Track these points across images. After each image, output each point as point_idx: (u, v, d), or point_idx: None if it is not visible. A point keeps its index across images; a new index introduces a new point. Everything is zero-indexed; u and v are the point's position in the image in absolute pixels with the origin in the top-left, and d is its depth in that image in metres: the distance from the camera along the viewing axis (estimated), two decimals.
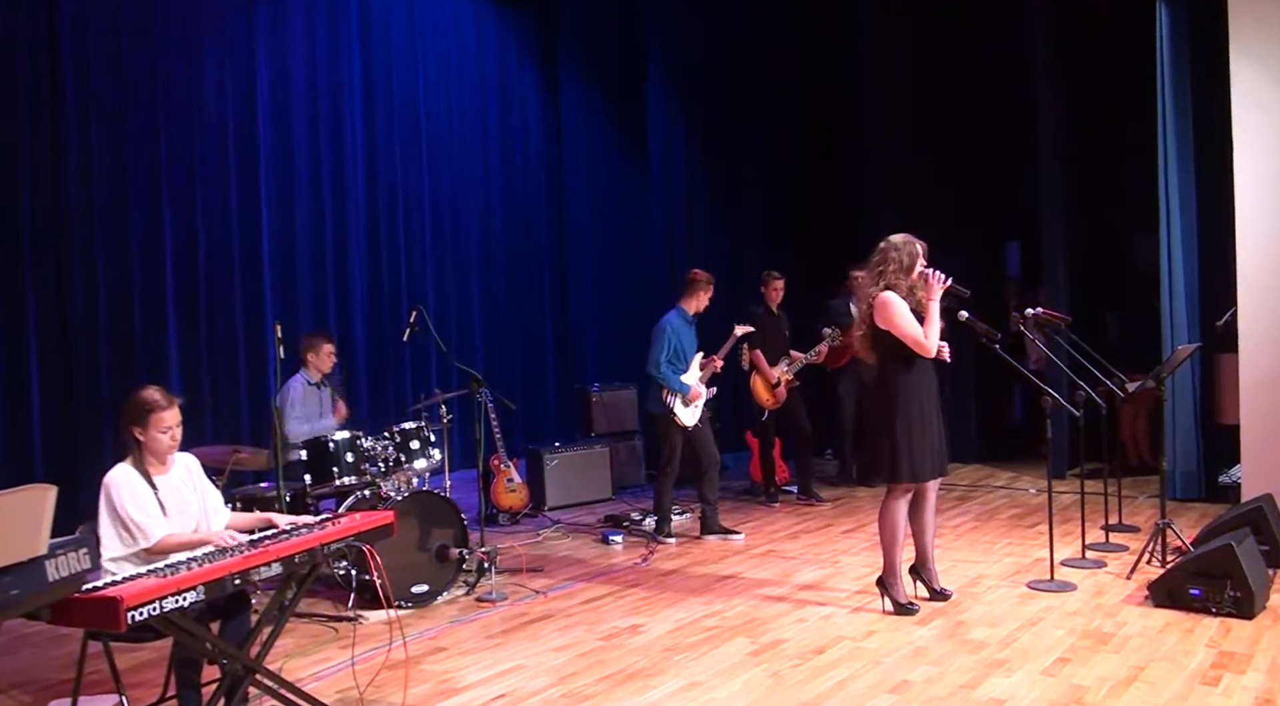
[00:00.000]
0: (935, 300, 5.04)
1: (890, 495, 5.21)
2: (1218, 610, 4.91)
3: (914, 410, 5.07)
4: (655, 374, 6.98)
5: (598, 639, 5.02)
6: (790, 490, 8.44)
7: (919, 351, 5.03)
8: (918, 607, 5.19)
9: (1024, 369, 6.25)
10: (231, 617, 3.97)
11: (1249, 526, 5.42)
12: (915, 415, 5.07)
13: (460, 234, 9.90)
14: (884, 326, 5.05)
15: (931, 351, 5.04)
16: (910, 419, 5.06)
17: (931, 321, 5.03)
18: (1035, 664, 4.42)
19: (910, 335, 5.01)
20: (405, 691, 4.29)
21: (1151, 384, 6.35)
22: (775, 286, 8.08)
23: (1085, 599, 5.34)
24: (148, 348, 7.36)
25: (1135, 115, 8.11)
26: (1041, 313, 6.31)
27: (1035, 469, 9.08)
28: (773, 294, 8.09)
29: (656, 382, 7.01)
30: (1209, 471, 7.66)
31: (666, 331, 7.04)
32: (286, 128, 8.39)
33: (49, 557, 2.88)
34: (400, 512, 4.78)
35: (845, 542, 6.85)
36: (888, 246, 5.16)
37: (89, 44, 7.07)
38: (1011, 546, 6.54)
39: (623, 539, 7.16)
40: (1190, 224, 7.64)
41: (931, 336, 5.02)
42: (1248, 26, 7.01)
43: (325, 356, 6.59)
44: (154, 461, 4.03)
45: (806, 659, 4.62)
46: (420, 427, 6.19)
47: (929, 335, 5.01)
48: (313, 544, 3.83)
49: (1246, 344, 7.05)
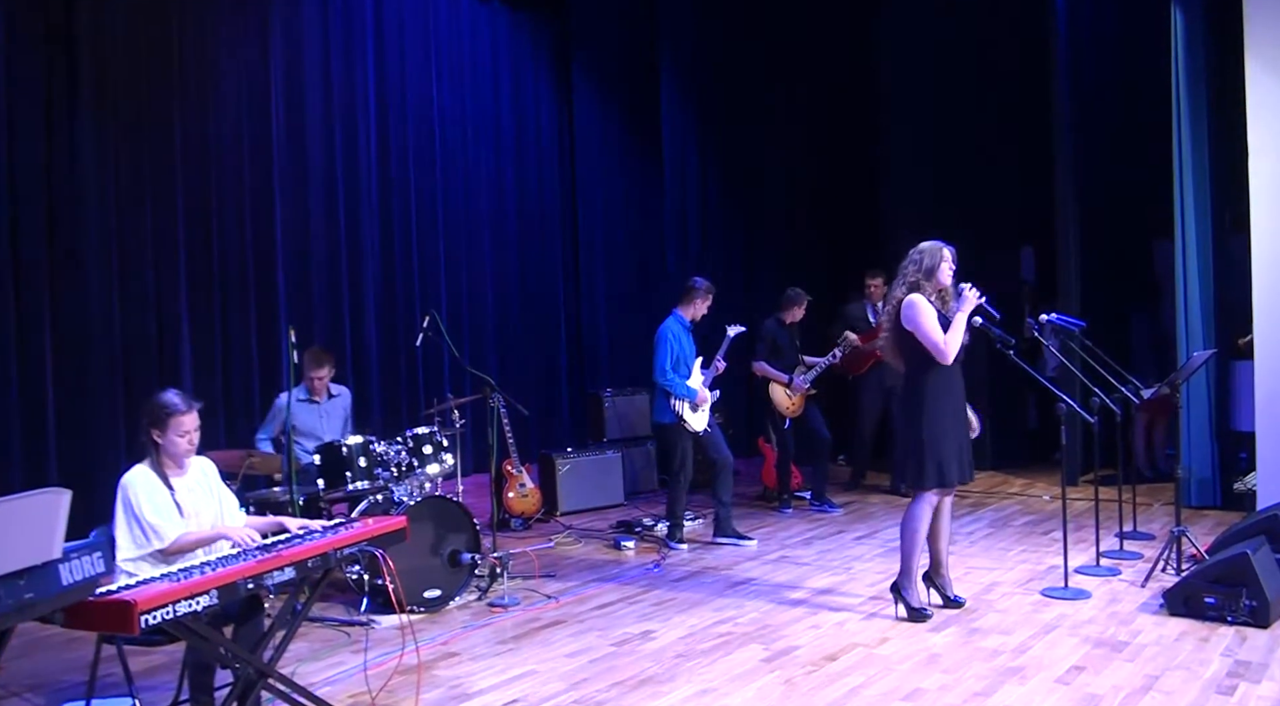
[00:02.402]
0: (964, 313, 5.01)
1: (916, 501, 5.18)
2: (1233, 618, 4.88)
3: (942, 415, 5.06)
4: (662, 381, 6.97)
5: (610, 644, 5.01)
6: (803, 496, 8.42)
7: (937, 357, 5.01)
8: (931, 613, 5.17)
9: (1039, 375, 6.22)
10: (245, 622, 3.98)
11: (1265, 534, 5.36)
12: (943, 420, 5.06)
13: (473, 238, 9.92)
14: (908, 327, 5.04)
15: (948, 359, 5.02)
16: (937, 424, 5.05)
17: (955, 329, 5.01)
18: (1049, 672, 4.40)
19: (931, 339, 4.99)
20: (418, 696, 4.29)
21: (1167, 390, 6.32)
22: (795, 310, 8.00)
23: (1100, 607, 5.31)
24: (162, 352, 7.39)
25: (1150, 120, 8.08)
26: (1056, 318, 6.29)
27: (1050, 475, 9.04)
28: (793, 314, 8.03)
29: (661, 391, 7.01)
30: (1224, 479, 7.61)
31: (668, 337, 7.03)
32: (300, 132, 8.41)
33: (63, 561, 2.89)
34: (413, 517, 4.79)
35: (858, 548, 6.83)
36: (914, 251, 5.17)
37: (105, 48, 7.11)
38: (1026, 553, 6.51)
39: (635, 544, 7.15)
40: (1205, 229, 7.60)
41: (952, 344, 5.00)
42: (1263, 32, 6.98)
43: (317, 382, 6.55)
44: (171, 464, 4.06)
45: (820, 666, 4.60)
46: (433, 432, 6.20)
47: (949, 341, 4.99)
48: (325, 548, 3.84)
49: (1262, 350, 7.01)
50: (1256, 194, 7.03)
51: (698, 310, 7.12)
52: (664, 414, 7.07)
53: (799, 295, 8.04)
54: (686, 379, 7.01)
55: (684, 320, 7.13)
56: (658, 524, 7.52)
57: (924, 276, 5.09)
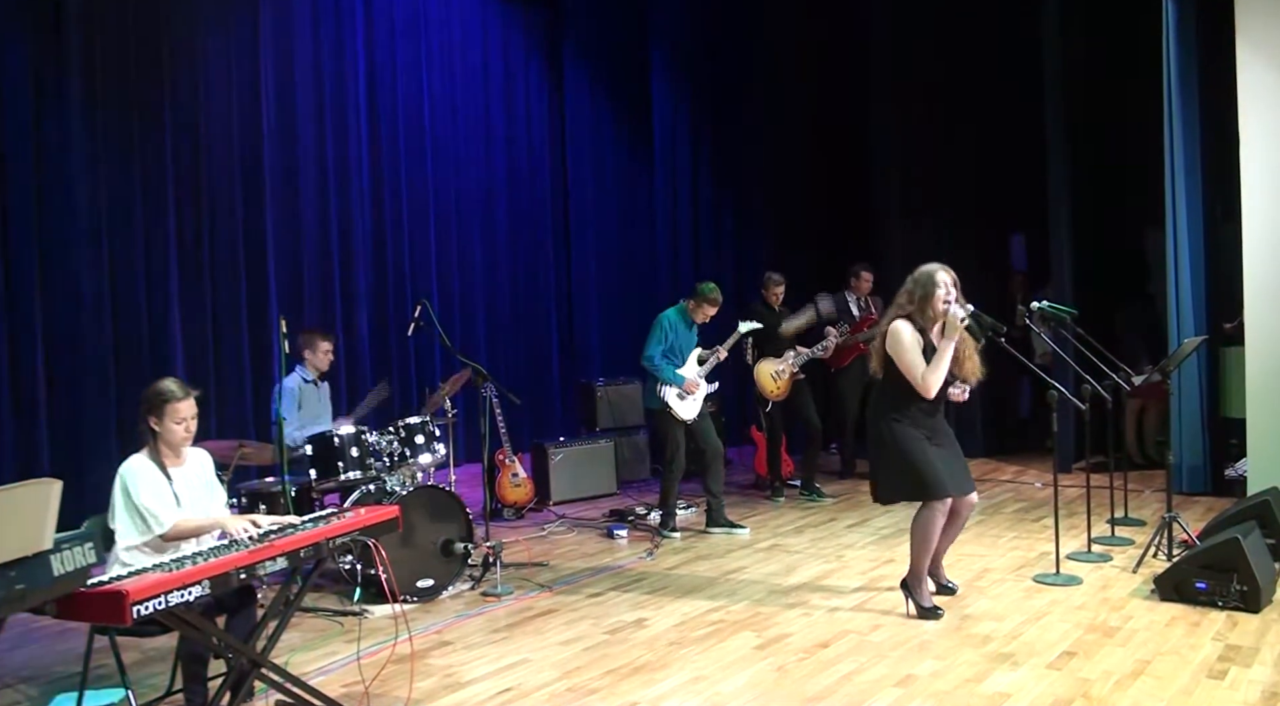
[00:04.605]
0: (950, 341, 4.83)
1: (927, 508, 4.99)
2: (1224, 603, 4.90)
3: (914, 435, 4.92)
4: (648, 365, 6.99)
5: (603, 633, 5.02)
6: (795, 485, 8.43)
7: (917, 388, 4.85)
8: (943, 613, 5.04)
9: (1030, 363, 6.23)
10: (237, 612, 3.99)
11: (1255, 520, 5.39)
12: (916, 438, 4.91)
13: (464, 228, 9.90)
14: (891, 354, 4.92)
15: (929, 393, 4.84)
16: (915, 440, 4.90)
17: (936, 362, 4.83)
18: (1041, 658, 4.41)
19: (910, 372, 4.85)
20: (411, 685, 4.29)
21: (1158, 377, 6.33)
22: (775, 291, 8.06)
23: (1091, 592, 5.33)
24: (153, 342, 7.38)
25: (1142, 107, 8.08)
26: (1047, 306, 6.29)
27: (1041, 462, 9.06)
28: (773, 296, 8.07)
29: (651, 376, 7.02)
30: (1215, 465, 7.64)
31: (664, 325, 7.04)
32: (291, 122, 8.39)
33: (54, 552, 2.88)
34: (405, 507, 4.78)
35: (849, 537, 6.85)
36: (910, 277, 4.98)
37: (94, 36, 7.07)
38: (1017, 540, 6.53)
39: (627, 533, 7.15)
40: (1196, 216, 7.61)
41: (930, 378, 4.82)
42: (1255, 18, 6.98)
43: (322, 355, 6.54)
44: (169, 453, 4.07)
45: (812, 652, 4.62)
46: (425, 422, 6.19)
47: (927, 376, 4.81)
48: (318, 539, 3.83)
49: (1253, 337, 7.02)
50: (1248, 182, 7.03)
51: (705, 314, 7.10)
52: (651, 399, 7.09)
53: (767, 278, 8.07)
54: (679, 368, 7.01)
55: (688, 316, 7.12)
56: (650, 513, 7.53)
57: (917, 308, 4.91)
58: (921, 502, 4.99)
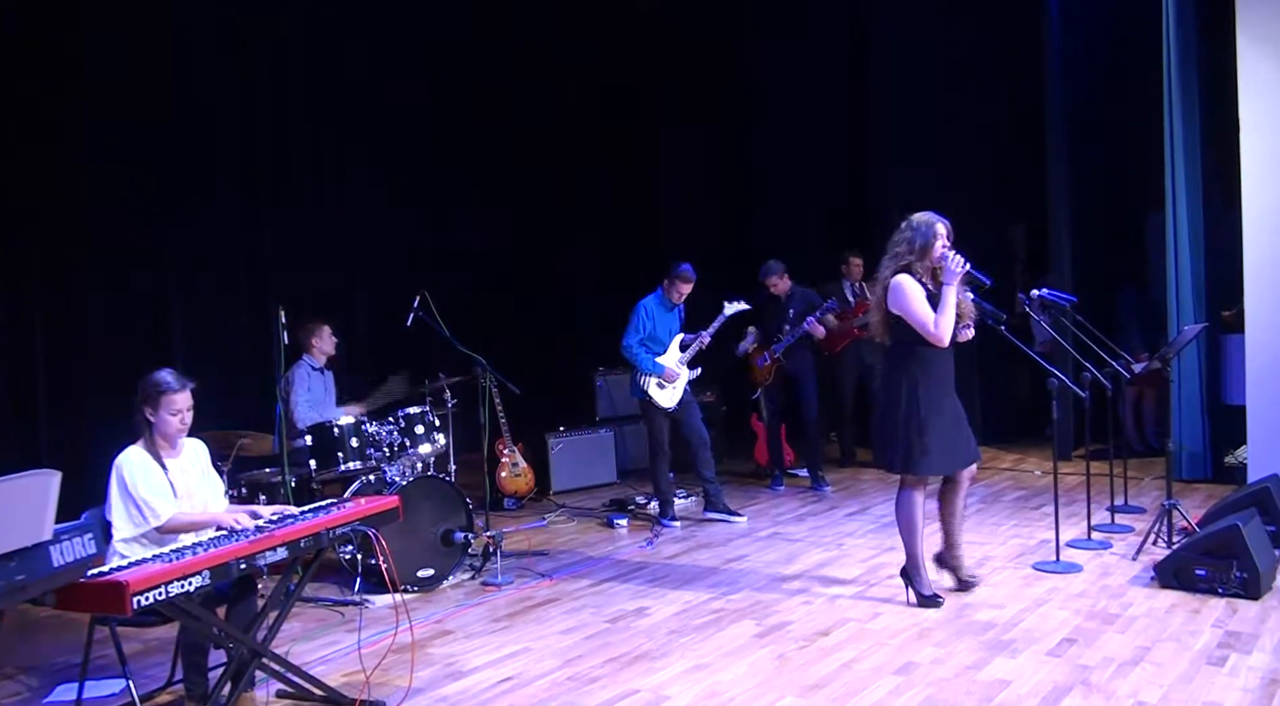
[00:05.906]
0: (951, 286, 4.75)
1: (903, 486, 4.98)
2: (1224, 590, 4.90)
3: (926, 401, 4.80)
4: (626, 355, 7.00)
5: (604, 622, 5.02)
6: (795, 473, 8.43)
7: (930, 339, 4.76)
8: (943, 600, 5.01)
9: (1030, 350, 6.23)
10: (238, 602, 3.99)
11: (1255, 507, 5.40)
12: (927, 407, 4.79)
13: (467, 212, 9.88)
14: (896, 311, 4.81)
15: (943, 340, 4.76)
16: (921, 411, 4.79)
17: (944, 308, 4.72)
18: (1041, 645, 4.42)
19: (920, 321, 4.74)
20: (412, 674, 4.30)
21: (1158, 364, 6.33)
22: (772, 282, 8.04)
23: (1091, 580, 5.33)
24: (152, 333, 7.37)
25: (1142, 96, 8.06)
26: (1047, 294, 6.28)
27: (1041, 450, 9.06)
28: (772, 288, 8.05)
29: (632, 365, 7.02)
30: (1215, 452, 7.64)
31: (641, 314, 7.04)
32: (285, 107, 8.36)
33: (54, 543, 2.89)
34: (405, 497, 4.78)
35: (849, 525, 6.85)
36: (905, 226, 4.89)
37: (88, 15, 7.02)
38: (1017, 528, 6.54)
39: (627, 522, 7.16)
40: (1196, 204, 7.60)
41: (942, 324, 4.71)
42: (1255, 7, 6.95)
43: (327, 339, 6.56)
44: (164, 444, 4.06)
45: (812, 640, 4.62)
46: (424, 412, 6.19)
47: (939, 323, 4.71)
48: (318, 529, 3.84)
49: (1253, 324, 7.02)
50: (1248, 169, 7.02)
51: (679, 293, 7.09)
52: (634, 388, 7.10)
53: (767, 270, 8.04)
54: (659, 356, 7.00)
55: (666, 300, 7.11)
56: (650, 502, 7.53)
57: (917, 256, 4.81)
58: (900, 483, 4.98)
